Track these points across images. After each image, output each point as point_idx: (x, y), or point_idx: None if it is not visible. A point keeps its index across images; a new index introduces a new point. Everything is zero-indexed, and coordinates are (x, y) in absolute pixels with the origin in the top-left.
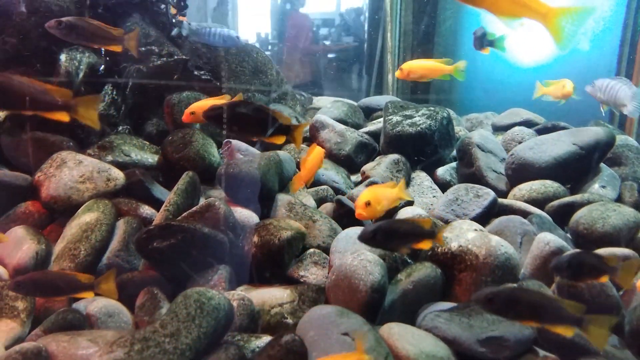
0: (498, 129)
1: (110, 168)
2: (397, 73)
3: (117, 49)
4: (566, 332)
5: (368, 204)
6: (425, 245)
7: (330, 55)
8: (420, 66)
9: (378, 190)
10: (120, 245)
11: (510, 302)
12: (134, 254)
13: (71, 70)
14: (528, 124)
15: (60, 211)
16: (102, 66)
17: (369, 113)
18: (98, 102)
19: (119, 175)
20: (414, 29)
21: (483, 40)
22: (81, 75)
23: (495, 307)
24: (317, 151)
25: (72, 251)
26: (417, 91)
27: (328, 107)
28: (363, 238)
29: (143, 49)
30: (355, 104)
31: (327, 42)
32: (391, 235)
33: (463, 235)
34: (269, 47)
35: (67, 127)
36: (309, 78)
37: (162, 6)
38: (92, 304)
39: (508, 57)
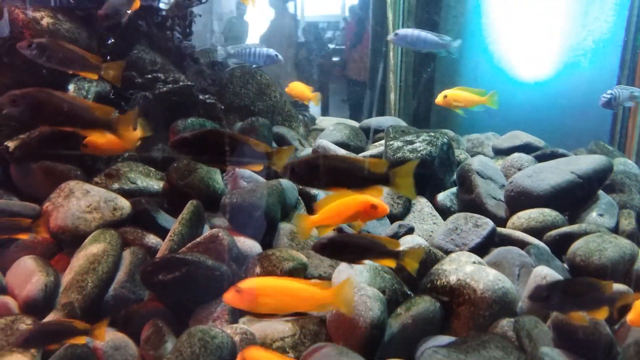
0: (499, 152)
1: (117, 197)
2: (439, 100)
3: (93, 76)
4: (389, 264)
5: None
6: (389, 263)
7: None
8: (462, 96)
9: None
10: (127, 276)
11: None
12: (139, 284)
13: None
14: (528, 147)
15: (68, 241)
16: (111, 93)
17: (371, 134)
18: (135, 118)
19: (125, 204)
20: (414, 51)
21: None
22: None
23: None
24: (357, 202)
25: (79, 283)
26: (419, 110)
27: (330, 130)
28: (314, 248)
29: (149, 76)
30: (357, 125)
31: (332, 46)
32: (344, 248)
33: (461, 268)
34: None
35: (74, 154)
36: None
37: (168, 32)
38: None
39: (509, 78)
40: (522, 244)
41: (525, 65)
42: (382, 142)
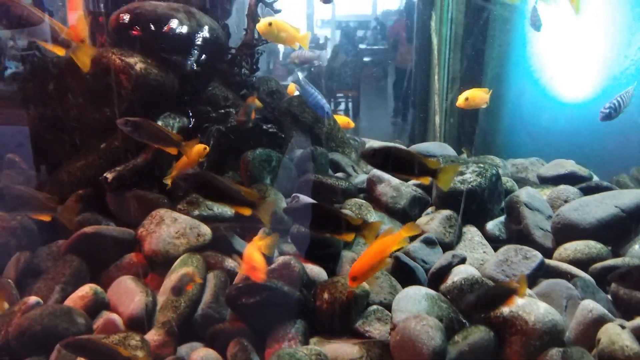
0: (544, 181)
1: (200, 225)
2: (461, 102)
3: (173, 151)
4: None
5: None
6: (424, 180)
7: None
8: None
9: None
10: (212, 298)
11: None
12: (222, 305)
13: None
14: (572, 176)
15: (159, 263)
16: (190, 127)
17: None
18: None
19: (207, 231)
20: (462, 76)
21: None
22: None
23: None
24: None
25: (174, 303)
26: (464, 134)
27: None
28: (363, 155)
29: (222, 111)
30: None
31: (363, 45)
32: (389, 159)
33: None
34: None
35: (158, 183)
36: None
37: (236, 69)
38: (194, 352)
39: (552, 104)
40: (569, 276)
41: (568, 92)
42: None
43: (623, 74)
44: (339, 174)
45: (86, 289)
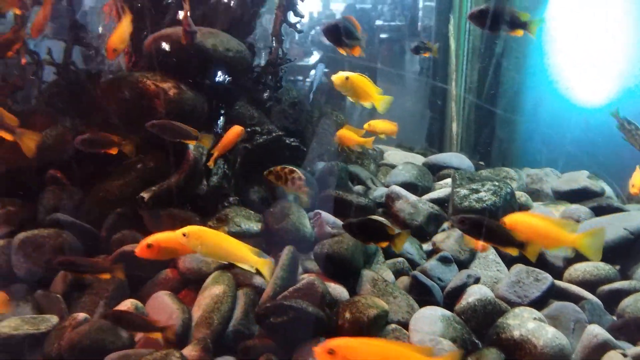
0: (558, 196)
1: None
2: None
3: (192, 142)
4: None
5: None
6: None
7: None
8: None
9: None
10: (242, 315)
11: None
12: (252, 321)
13: (197, 157)
14: (585, 191)
15: (193, 280)
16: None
17: (436, 170)
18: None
19: None
20: (478, 87)
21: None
22: (204, 158)
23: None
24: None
25: (207, 320)
26: (481, 143)
27: (399, 170)
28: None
29: (249, 129)
30: (424, 159)
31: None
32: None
33: (524, 324)
34: None
35: (188, 199)
36: None
37: (260, 86)
38: None
39: (568, 113)
40: (577, 298)
41: (584, 102)
42: (447, 181)
43: (639, 86)
44: (358, 187)
45: (128, 304)
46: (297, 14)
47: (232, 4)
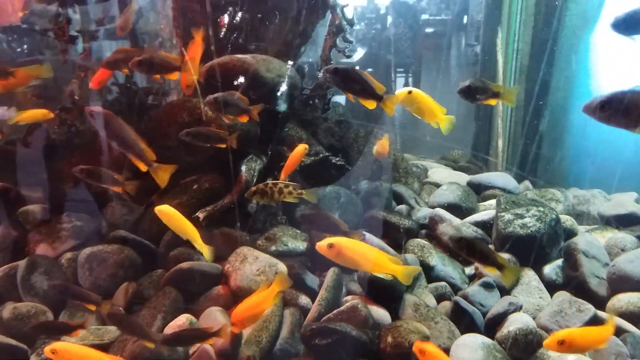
0: (604, 221)
1: (278, 263)
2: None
3: (222, 145)
4: None
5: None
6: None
7: None
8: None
9: None
10: (289, 334)
11: None
12: (297, 340)
13: (249, 178)
14: (632, 216)
15: (243, 297)
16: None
17: (481, 190)
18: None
19: (283, 269)
20: (525, 106)
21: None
22: (255, 179)
23: None
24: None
25: (256, 338)
26: (527, 160)
27: (444, 190)
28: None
29: None
30: (468, 178)
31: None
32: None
33: (565, 356)
34: None
35: (238, 218)
36: None
37: (309, 108)
38: None
39: (617, 134)
40: (619, 331)
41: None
42: (491, 202)
43: None
44: (401, 207)
45: (183, 319)
46: (346, 39)
47: (284, 30)
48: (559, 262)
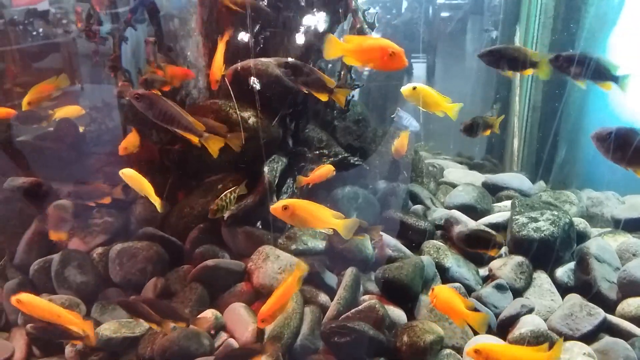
0: (617, 224)
1: (300, 262)
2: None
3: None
4: None
5: None
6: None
7: None
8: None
9: None
10: (309, 331)
11: None
12: (317, 337)
13: (271, 179)
14: None
15: (265, 294)
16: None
17: (496, 191)
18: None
19: (304, 267)
20: (542, 107)
21: None
22: (276, 180)
23: None
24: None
25: (278, 334)
26: (542, 162)
27: (459, 191)
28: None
29: (317, 152)
30: (483, 178)
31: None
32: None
33: (574, 358)
34: None
35: (260, 217)
36: None
37: (329, 109)
38: None
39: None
40: (628, 335)
41: None
42: (506, 203)
43: None
44: (417, 207)
45: (209, 314)
46: None
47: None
48: (571, 264)
